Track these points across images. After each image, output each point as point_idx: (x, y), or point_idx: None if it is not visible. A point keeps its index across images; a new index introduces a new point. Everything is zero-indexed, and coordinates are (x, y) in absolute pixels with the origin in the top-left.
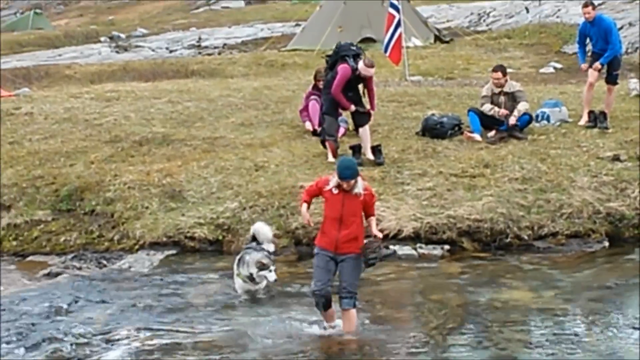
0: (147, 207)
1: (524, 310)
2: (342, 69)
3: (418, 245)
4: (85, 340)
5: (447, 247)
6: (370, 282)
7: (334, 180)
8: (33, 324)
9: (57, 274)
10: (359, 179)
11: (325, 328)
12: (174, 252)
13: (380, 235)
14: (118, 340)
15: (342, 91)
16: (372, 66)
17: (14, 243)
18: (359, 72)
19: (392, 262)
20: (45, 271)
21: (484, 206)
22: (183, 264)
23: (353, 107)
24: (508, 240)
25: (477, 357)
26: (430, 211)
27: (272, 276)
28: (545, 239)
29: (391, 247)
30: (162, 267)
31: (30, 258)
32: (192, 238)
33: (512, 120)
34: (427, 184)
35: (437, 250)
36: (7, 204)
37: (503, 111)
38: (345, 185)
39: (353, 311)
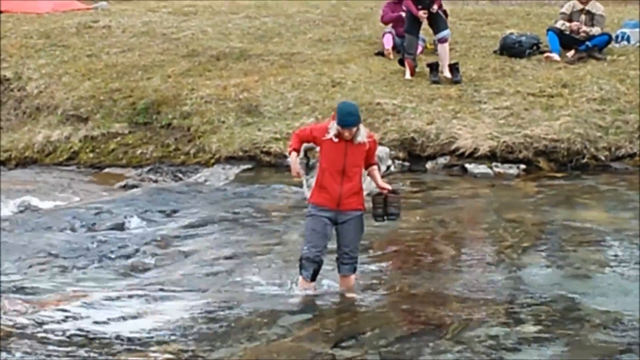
0: (223, 122)
1: (599, 230)
2: None
3: (494, 164)
4: (160, 252)
5: (523, 166)
6: (445, 200)
7: (333, 127)
8: (108, 235)
9: (133, 186)
10: (362, 126)
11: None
12: (249, 166)
13: (388, 187)
14: (192, 252)
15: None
16: None
17: (91, 155)
18: None
19: (467, 180)
20: (122, 183)
21: (561, 126)
22: (258, 179)
23: (422, 13)
24: (585, 160)
25: (551, 276)
26: (506, 130)
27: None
28: (622, 160)
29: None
30: (237, 181)
31: (106, 170)
32: (267, 153)
33: (583, 28)
34: (504, 102)
35: (513, 170)
36: (85, 116)
37: (575, 24)
38: (347, 134)
39: (352, 277)
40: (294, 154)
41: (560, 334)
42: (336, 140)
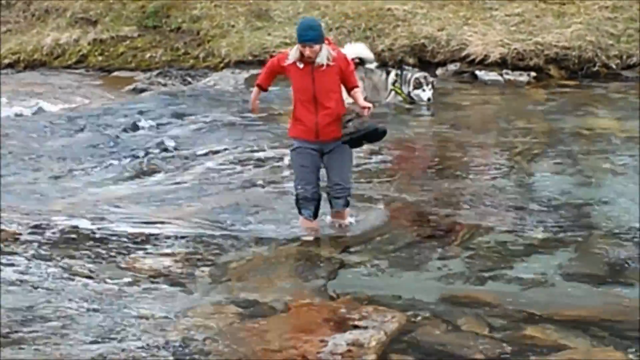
0: (233, 26)
1: (609, 138)
2: None
3: (504, 71)
4: (168, 155)
5: (533, 73)
6: (455, 106)
7: (295, 48)
8: (117, 138)
9: (142, 90)
10: (325, 46)
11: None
12: (259, 70)
13: (368, 105)
14: (200, 156)
15: None
16: None
17: (100, 58)
18: None
19: (477, 87)
20: (130, 87)
21: (573, 34)
22: None
23: None
24: (596, 68)
25: (560, 184)
26: (517, 37)
27: (426, 95)
28: (633, 68)
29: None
30: (246, 86)
31: (115, 74)
32: None
33: None
34: (515, 9)
35: (524, 77)
36: (94, 19)
37: None
38: (307, 52)
39: (347, 211)
40: (256, 90)
41: (568, 241)
42: (301, 66)
